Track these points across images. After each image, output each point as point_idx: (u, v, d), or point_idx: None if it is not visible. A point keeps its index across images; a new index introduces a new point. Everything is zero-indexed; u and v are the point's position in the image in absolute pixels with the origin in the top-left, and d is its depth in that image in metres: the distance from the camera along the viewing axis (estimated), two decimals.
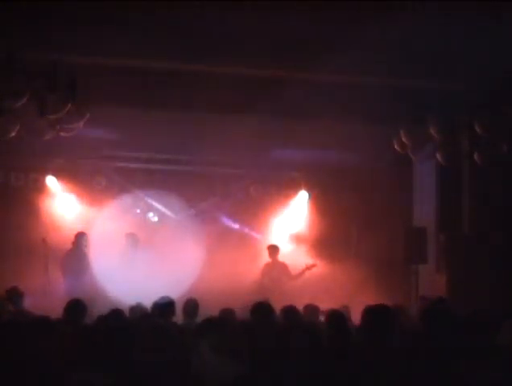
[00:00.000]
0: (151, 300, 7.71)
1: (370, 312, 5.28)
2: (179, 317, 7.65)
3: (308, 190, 13.25)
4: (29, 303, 8.84)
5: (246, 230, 12.98)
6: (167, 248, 12.39)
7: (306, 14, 7.28)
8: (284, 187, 13.51)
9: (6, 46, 7.95)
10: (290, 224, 13.34)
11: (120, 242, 12.41)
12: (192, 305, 7.65)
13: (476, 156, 9.64)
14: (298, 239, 13.09)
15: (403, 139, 9.95)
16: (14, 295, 8.73)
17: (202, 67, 8.66)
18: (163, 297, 7.43)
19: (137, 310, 7.80)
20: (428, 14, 7.11)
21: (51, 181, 12.74)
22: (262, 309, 6.43)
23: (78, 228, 12.36)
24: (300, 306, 7.68)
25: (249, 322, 6.41)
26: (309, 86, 8.96)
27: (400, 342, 5.26)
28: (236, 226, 12.95)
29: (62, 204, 12.77)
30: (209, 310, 7.28)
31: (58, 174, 12.78)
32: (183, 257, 12.21)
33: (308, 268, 12.07)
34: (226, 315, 6.93)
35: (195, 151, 11.68)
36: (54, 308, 7.41)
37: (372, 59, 8.02)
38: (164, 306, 7.33)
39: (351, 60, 7.96)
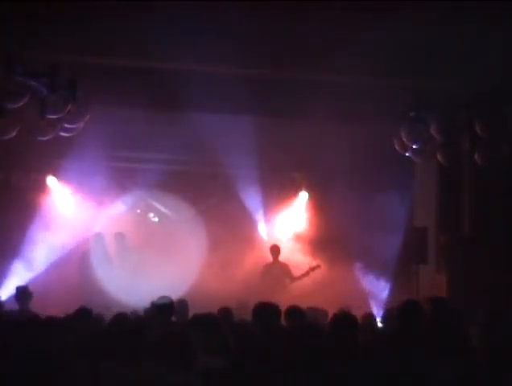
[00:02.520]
0: (151, 300, 7.69)
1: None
2: None
3: (309, 191, 13.25)
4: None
5: (247, 230, 12.99)
6: (168, 248, 12.41)
7: (305, 14, 7.28)
8: (285, 188, 13.53)
9: (6, 46, 7.96)
10: (291, 225, 13.35)
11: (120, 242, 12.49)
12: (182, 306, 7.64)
13: (476, 156, 9.63)
14: (299, 239, 13.10)
15: (403, 139, 9.95)
16: (23, 294, 8.74)
17: (202, 67, 8.66)
18: (161, 297, 7.40)
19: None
20: (427, 14, 7.11)
21: (51, 181, 12.76)
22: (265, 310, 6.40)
23: (78, 228, 12.40)
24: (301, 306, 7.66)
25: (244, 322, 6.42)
26: (308, 86, 8.97)
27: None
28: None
29: (62, 204, 12.79)
30: (209, 310, 7.28)
31: (58, 174, 12.80)
32: (183, 257, 12.23)
33: (312, 269, 12.05)
34: (222, 314, 6.93)
35: (194, 151, 11.68)
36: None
37: (371, 58, 8.01)
38: (163, 306, 7.30)
39: (350, 60, 7.96)
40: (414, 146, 10.08)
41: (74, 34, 7.67)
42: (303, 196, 13.36)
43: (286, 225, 13.41)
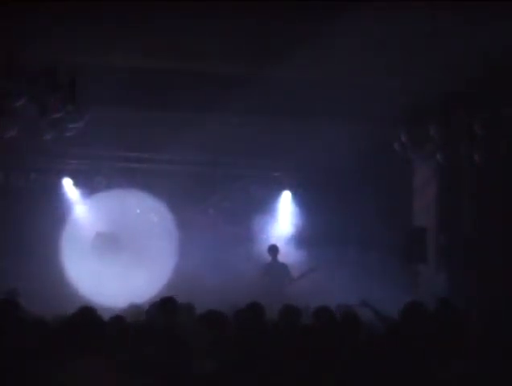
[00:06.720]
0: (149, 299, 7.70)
1: None
2: None
3: (309, 191, 13.25)
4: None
5: (246, 230, 12.99)
6: (167, 247, 12.43)
7: (304, 13, 7.29)
8: (284, 187, 13.55)
9: (6, 46, 7.96)
10: (290, 224, 13.35)
11: (121, 242, 12.53)
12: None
13: (475, 156, 9.64)
14: (298, 239, 13.10)
15: (403, 139, 9.95)
16: (10, 296, 8.76)
17: (200, 67, 8.68)
18: (163, 297, 7.40)
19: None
20: (427, 14, 7.12)
21: (51, 181, 12.76)
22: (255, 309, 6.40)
23: (79, 228, 12.44)
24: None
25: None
26: (309, 86, 8.98)
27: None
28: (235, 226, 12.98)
29: (62, 204, 12.80)
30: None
31: (58, 174, 12.81)
32: (182, 257, 12.26)
33: (312, 270, 12.04)
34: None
35: (194, 151, 11.68)
36: None
37: (371, 58, 8.02)
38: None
39: (350, 59, 7.97)
40: (413, 146, 10.08)
41: (74, 35, 7.67)
42: (304, 196, 13.35)
43: (286, 225, 13.42)
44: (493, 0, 7.11)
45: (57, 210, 12.59)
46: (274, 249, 12.33)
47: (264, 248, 12.56)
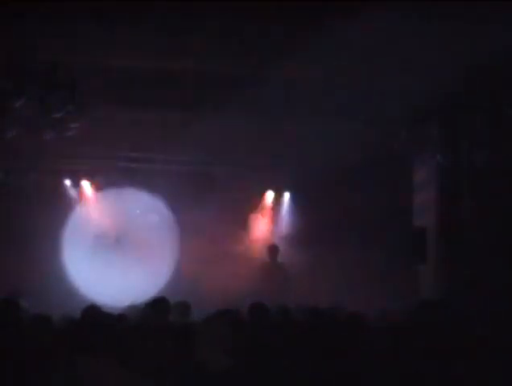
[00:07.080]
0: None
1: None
2: None
3: (307, 190, 13.25)
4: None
5: (243, 230, 13.01)
6: (167, 247, 12.44)
7: (304, 13, 7.29)
8: (283, 187, 13.55)
9: (6, 46, 7.96)
10: (289, 224, 13.36)
11: (121, 242, 12.54)
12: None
13: (476, 156, 9.64)
14: (297, 239, 13.10)
15: (403, 139, 9.95)
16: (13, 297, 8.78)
17: (201, 67, 8.68)
18: (157, 297, 7.42)
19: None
20: (427, 14, 7.12)
21: (51, 181, 12.76)
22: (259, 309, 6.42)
23: (79, 228, 12.44)
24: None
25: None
26: (308, 86, 8.98)
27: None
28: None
29: (62, 204, 12.80)
30: (207, 310, 7.27)
31: (58, 174, 12.81)
32: (181, 257, 12.27)
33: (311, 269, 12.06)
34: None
35: (194, 151, 11.69)
36: None
37: (371, 58, 8.02)
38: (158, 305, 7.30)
39: (350, 59, 7.97)
40: (413, 146, 10.09)
41: (74, 35, 7.68)
42: (302, 196, 13.36)
43: (284, 224, 13.44)
44: (493, 0, 7.11)
45: (57, 210, 12.59)
46: (274, 249, 12.34)
47: (264, 248, 12.57)
